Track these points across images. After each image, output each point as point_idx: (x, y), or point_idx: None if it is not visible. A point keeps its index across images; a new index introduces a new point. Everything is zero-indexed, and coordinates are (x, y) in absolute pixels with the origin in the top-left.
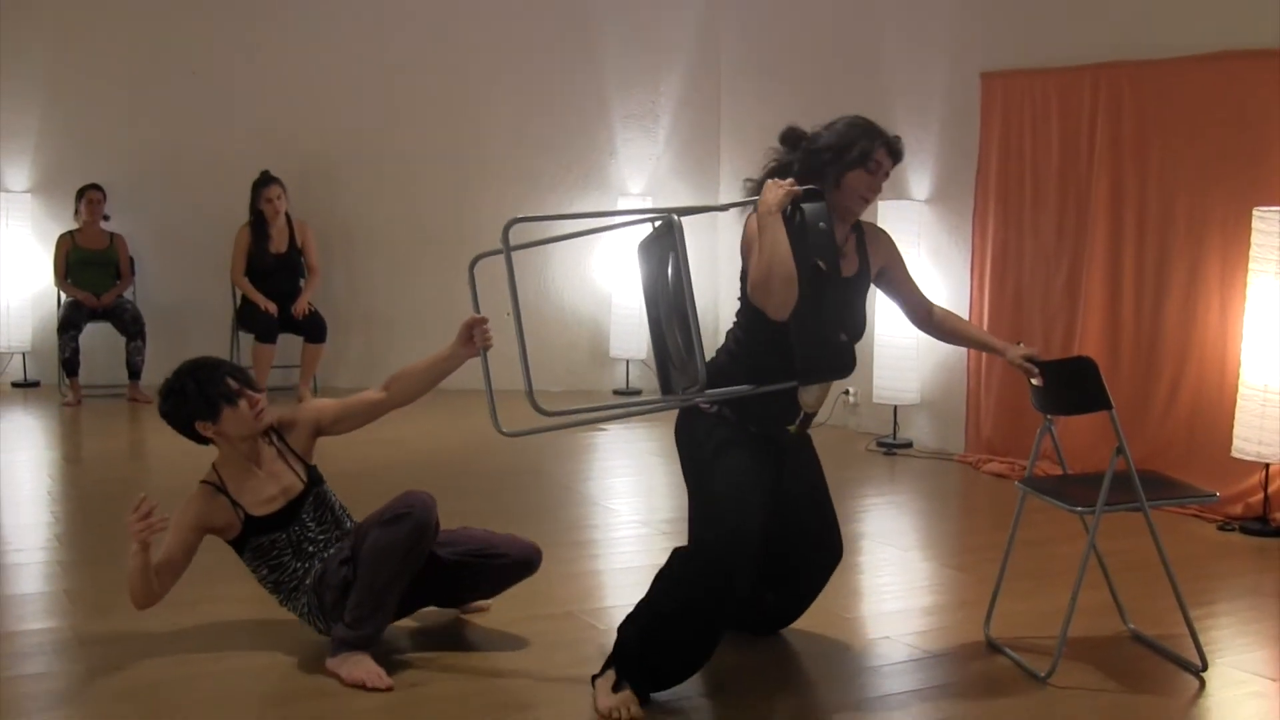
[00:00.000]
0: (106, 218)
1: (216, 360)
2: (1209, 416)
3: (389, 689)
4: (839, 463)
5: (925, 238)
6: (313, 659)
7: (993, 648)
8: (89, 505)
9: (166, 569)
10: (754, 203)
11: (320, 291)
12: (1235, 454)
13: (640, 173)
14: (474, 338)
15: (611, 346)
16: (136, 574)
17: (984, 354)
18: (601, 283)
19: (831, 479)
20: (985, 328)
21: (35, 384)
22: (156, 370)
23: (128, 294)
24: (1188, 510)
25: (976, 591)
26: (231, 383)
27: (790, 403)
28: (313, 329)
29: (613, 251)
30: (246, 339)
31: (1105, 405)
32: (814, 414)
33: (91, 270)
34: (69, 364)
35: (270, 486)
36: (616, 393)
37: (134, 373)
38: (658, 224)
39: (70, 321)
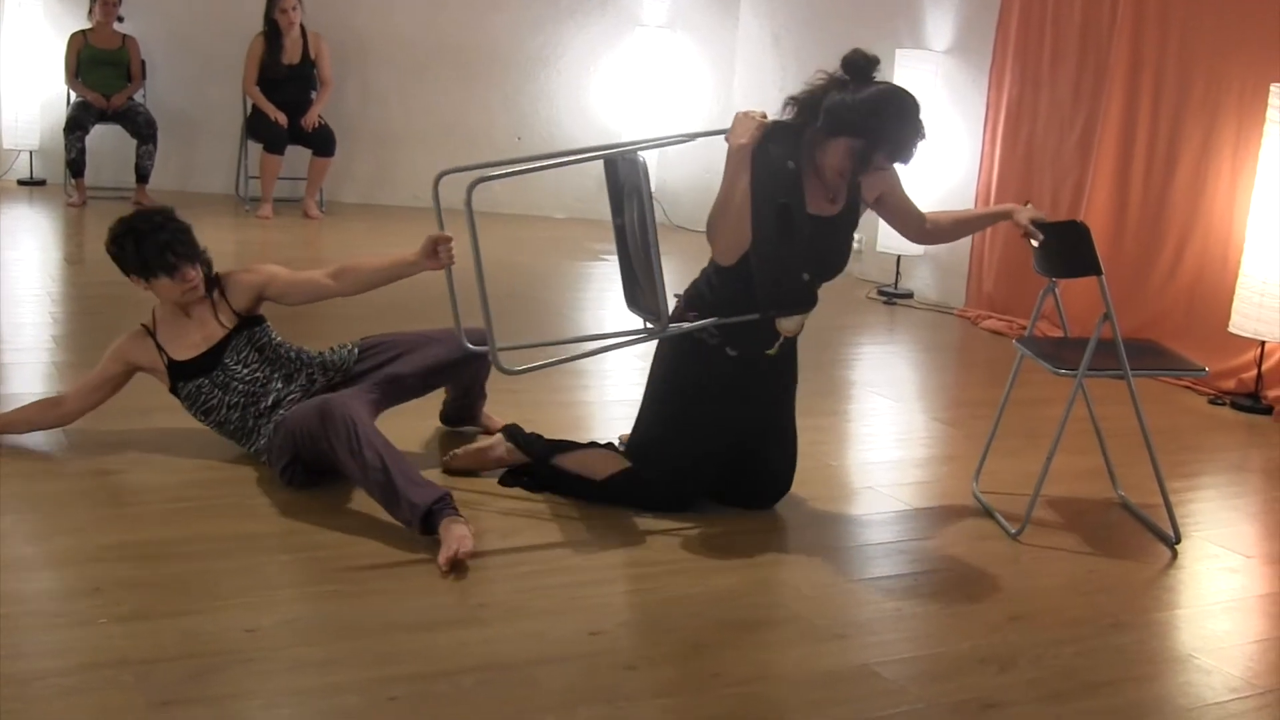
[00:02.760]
0: (120, 19)
1: (165, 222)
2: (1209, 288)
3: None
4: (838, 309)
5: (941, 89)
6: None
7: (978, 504)
8: (89, 307)
9: (80, 389)
10: (724, 133)
11: (330, 105)
12: (1232, 329)
13: (660, 1)
14: (438, 254)
15: None
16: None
17: None
18: (606, 118)
19: (830, 326)
20: (994, 183)
21: (41, 182)
22: (163, 175)
23: (137, 97)
24: (1181, 382)
25: (965, 447)
26: (170, 257)
27: (769, 328)
28: (321, 142)
29: (613, 87)
30: (255, 148)
31: (1095, 271)
32: (794, 337)
33: (102, 70)
34: (74, 164)
35: (194, 334)
36: None
37: (142, 176)
38: (621, 159)
39: (77, 122)
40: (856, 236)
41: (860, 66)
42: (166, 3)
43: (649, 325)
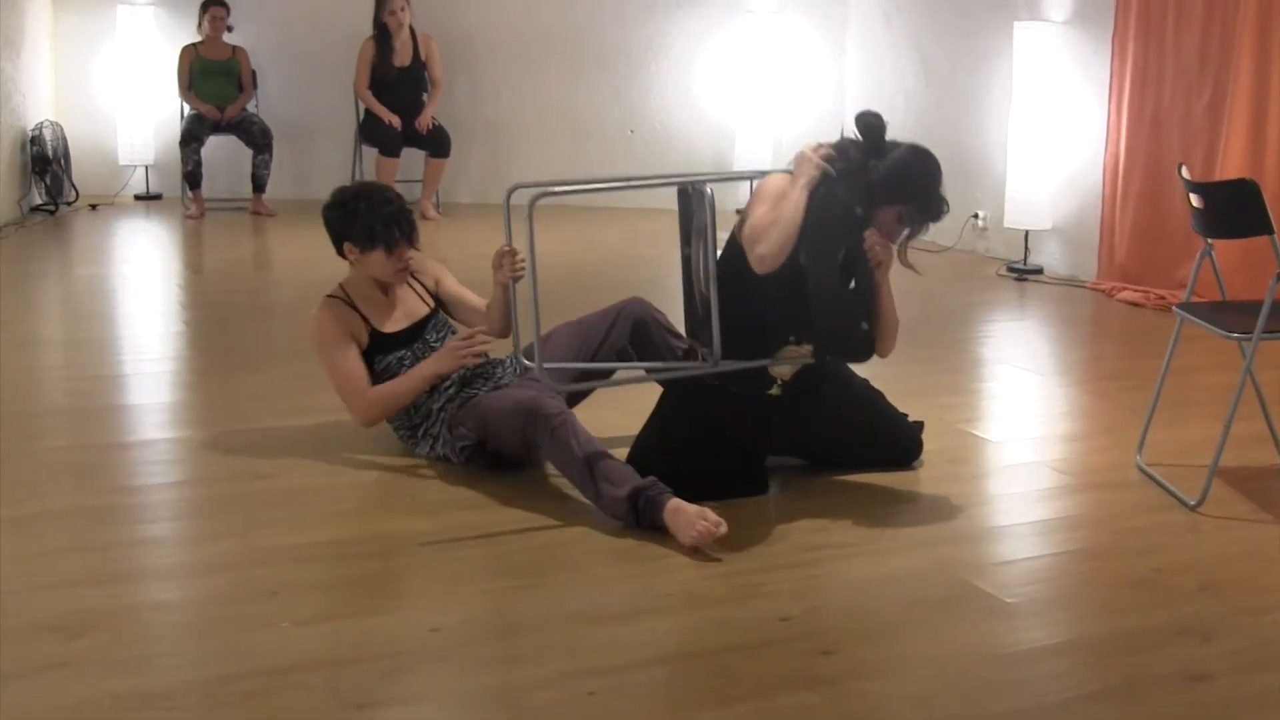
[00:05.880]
0: (230, 29)
1: (395, 197)
2: None
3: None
4: (966, 287)
5: (1063, 60)
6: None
7: (1142, 475)
8: (215, 315)
9: (359, 384)
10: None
11: (441, 104)
12: None
13: None
14: (503, 267)
15: (735, 161)
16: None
17: (1119, 180)
18: (716, 108)
19: (959, 304)
20: (1123, 152)
21: (157, 197)
22: (278, 183)
23: (250, 106)
24: None
25: (1116, 418)
26: (397, 231)
27: (761, 372)
28: (436, 144)
29: (723, 75)
30: (369, 153)
31: (1266, 230)
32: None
33: (214, 81)
34: (191, 177)
35: (396, 309)
36: (739, 212)
37: (259, 185)
38: (691, 189)
39: (192, 134)
40: (981, 213)
41: (874, 127)
42: (274, 11)
43: (704, 357)
